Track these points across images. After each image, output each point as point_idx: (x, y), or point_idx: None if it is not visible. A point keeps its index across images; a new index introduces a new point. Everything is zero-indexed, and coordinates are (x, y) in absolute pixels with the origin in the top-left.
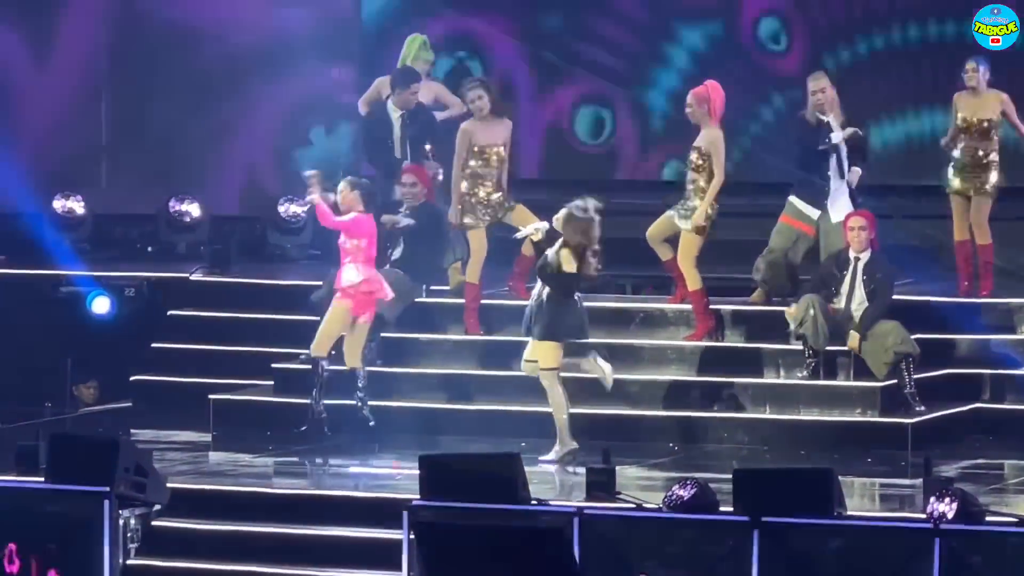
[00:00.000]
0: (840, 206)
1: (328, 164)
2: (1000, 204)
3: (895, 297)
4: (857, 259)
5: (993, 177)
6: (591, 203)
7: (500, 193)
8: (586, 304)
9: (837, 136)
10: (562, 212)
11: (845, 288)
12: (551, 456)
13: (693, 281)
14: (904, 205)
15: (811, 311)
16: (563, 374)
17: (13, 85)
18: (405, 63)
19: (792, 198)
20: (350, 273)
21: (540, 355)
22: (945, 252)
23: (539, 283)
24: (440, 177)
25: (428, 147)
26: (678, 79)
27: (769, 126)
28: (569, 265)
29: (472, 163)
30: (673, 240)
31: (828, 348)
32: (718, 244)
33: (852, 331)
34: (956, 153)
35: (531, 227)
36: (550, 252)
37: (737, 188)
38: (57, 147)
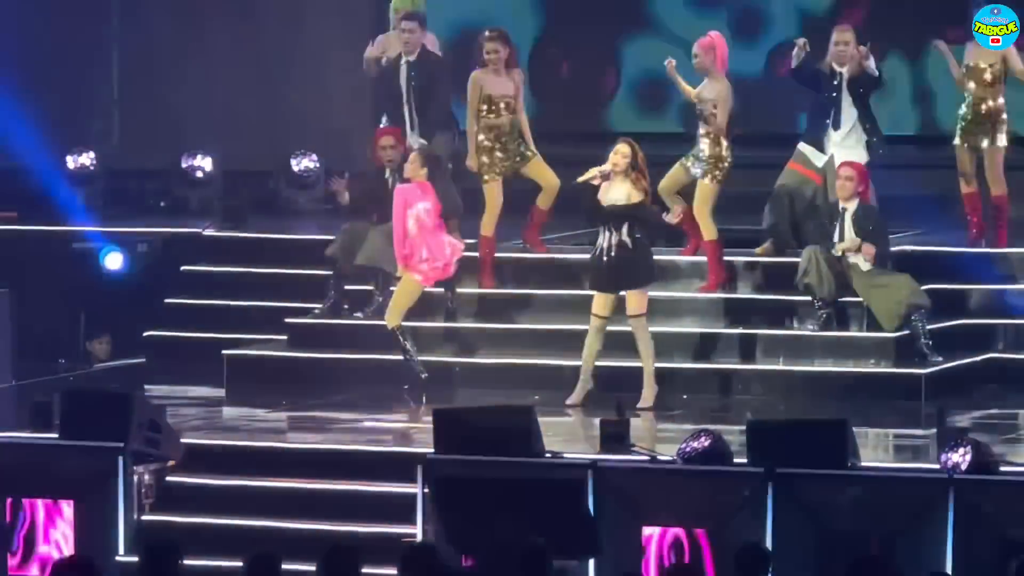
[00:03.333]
0: (846, 157)
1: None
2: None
3: (908, 248)
4: (844, 209)
5: (1003, 127)
6: None
7: (516, 144)
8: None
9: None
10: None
11: (837, 238)
12: (572, 399)
13: (709, 231)
14: (915, 155)
15: (814, 260)
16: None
17: (25, 40)
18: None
19: (800, 145)
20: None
21: None
22: (956, 202)
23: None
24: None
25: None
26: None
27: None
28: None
29: (484, 114)
30: (685, 193)
31: (840, 299)
32: (729, 196)
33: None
34: (963, 108)
35: (595, 170)
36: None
37: (747, 139)
38: (69, 102)
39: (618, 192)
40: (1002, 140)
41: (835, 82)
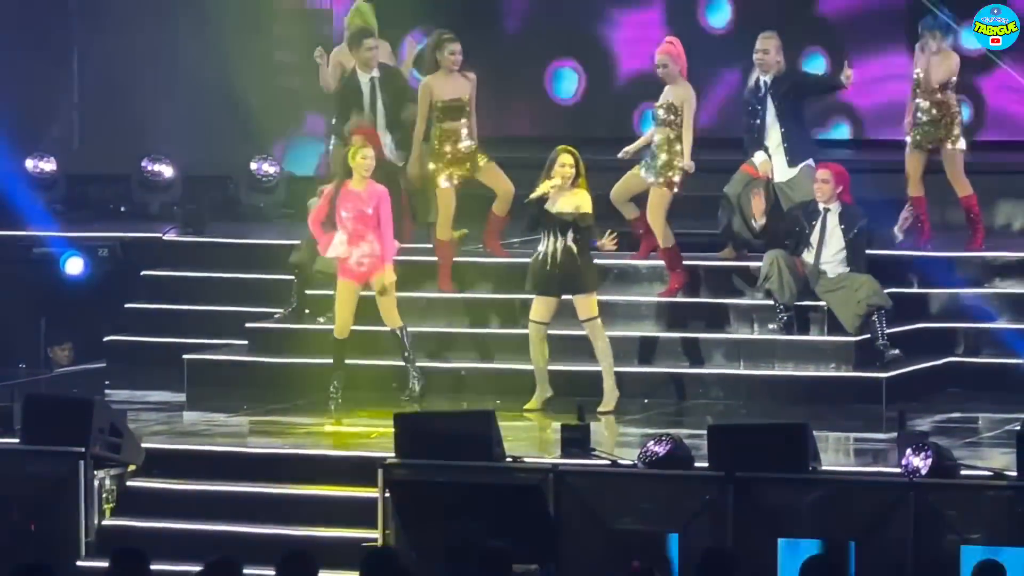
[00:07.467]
0: (780, 166)
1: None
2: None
3: (867, 252)
4: (827, 210)
5: (959, 129)
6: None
7: (468, 149)
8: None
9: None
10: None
11: (815, 239)
12: (532, 404)
13: (664, 238)
14: (876, 159)
15: (776, 265)
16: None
17: None
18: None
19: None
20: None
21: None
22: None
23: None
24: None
25: None
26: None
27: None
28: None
29: (435, 119)
30: (637, 199)
31: (799, 303)
32: (687, 199)
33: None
34: (919, 113)
35: (547, 186)
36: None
37: (706, 143)
38: (29, 106)
39: (567, 202)
40: (961, 143)
41: (760, 93)
